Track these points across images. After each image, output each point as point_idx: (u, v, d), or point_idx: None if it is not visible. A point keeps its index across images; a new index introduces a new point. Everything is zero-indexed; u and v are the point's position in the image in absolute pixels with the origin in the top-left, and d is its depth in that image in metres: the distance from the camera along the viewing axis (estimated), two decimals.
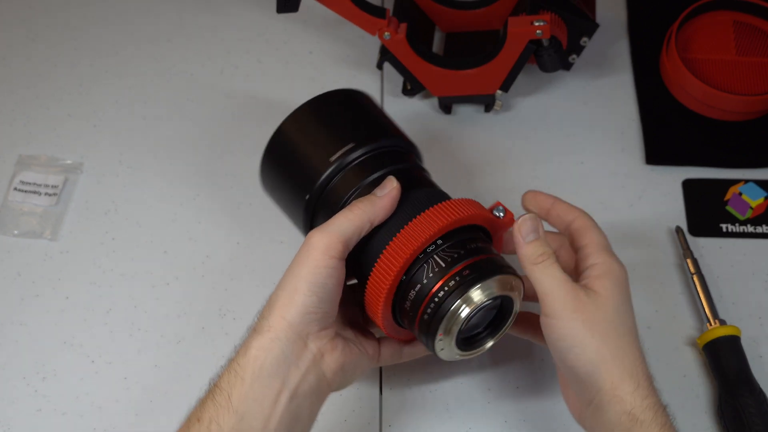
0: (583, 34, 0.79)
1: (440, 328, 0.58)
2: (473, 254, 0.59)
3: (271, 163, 0.68)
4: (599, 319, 0.57)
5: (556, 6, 0.78)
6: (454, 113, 0.85)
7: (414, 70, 0.80)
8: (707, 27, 0.87)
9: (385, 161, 0.64)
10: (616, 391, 0.56)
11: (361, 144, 0.64)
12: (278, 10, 0.72)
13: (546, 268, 0.58)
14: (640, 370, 0.57)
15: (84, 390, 0.71)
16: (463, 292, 0.57)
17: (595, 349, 0.56)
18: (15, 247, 0.79)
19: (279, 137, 0.67)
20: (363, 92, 0.69)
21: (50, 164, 0.83)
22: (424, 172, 0.66)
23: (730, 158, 0.82)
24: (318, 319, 0.58)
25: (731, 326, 0.70)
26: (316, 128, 0.67)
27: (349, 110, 0.68)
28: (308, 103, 0.67)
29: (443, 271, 0.58)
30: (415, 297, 0.58)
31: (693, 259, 0.74)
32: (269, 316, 0.58)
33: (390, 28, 0.77)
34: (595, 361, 0.56)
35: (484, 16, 0.86)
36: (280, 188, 0.68)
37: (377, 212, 0.59)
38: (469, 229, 0.61)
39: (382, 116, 0.69)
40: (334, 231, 0.58)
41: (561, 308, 0.57)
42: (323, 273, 0.57)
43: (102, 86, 0.88)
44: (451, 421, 0.70)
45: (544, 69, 0.79)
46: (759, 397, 0.67)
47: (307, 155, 0.65)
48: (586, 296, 0.57)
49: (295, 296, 0.57)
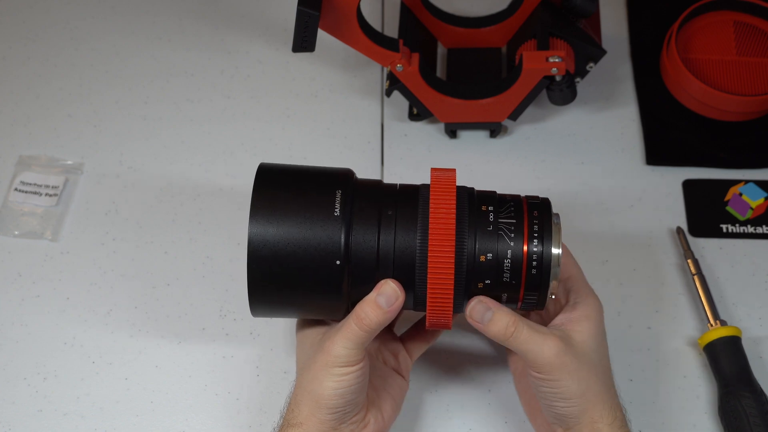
0: (590, 60, 0.79)
1: (551, 273, 0.59)
2: (512, 200, 0.61)
3: (267, 270, 0.59)
4: (581, 366, 0.59)
5: (563, 31, 0.78)
6: (459, 137, 0.85)
7: (423, 99, 0.80)
8: (707, 27, 0.87)
9: (369, 187, 0.62)
10: (595, 425, 0.59)
11: (343, 186, 0.60)
12: (294, 49, 0.71)
13: (519, 336, 0.59)
14: (616, 404, 0.60)
15: (85, 390, 0.71)
16: (550, 235, 0.59)
17: (580, 395, 0.59)
18: (15, 247, 0.79)
19: (258, 247, 0.58)
20: (268, 165, 0.63)
21: (50, 165, 0.83)
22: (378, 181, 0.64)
23: (730, 158, 0.82)
24: (348, 411, 0.60)
25: (732, 327, 0.70)
26: (289, 203, 0.59)
27: (287, 175, 0.62)
28: (256, 195, 0.60)
29: (520, 230, 0.59)
30: (512, 266, 0.59)
31: (694, 260, 0.74)
32: (299, 410, 0.60)
33: (403, 61, 0.77)
34: (579, 403, 0.59)
35: (487, 34, 0.86)
36: (292, 287, 0.60)
37: (389, 319, 0.59)
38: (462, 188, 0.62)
39: (305, 167, 0.64)
40: (352, 338, 0.59)
41: (546, 366, 0.59)
42: (347, 380, 0.59)
43: (102, 86, 0.88)
44: (451, 422, 0.70)
45: (554, 102, 0.79)
46: (760, 398, 0.67)
47: (309, 229, 0.59)
48: (566, 349, 0.59)
49: (321, 401, 0.59)
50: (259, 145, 0.84)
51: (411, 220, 0.59)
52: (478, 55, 0.87)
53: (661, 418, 0.70)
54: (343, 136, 0.85)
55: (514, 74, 0.78)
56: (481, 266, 0.59)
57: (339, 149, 0.84)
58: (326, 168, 0.63)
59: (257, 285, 0.59)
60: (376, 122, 0.86)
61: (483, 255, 0.59)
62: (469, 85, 0.82)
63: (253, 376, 0.72)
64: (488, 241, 0.59)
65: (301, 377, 0.61)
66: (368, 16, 0.79)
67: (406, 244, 0.59)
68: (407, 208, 0.60)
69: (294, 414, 0.60)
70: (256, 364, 0.73)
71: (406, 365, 0.67)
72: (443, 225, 0.58)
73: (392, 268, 0.59)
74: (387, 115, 0.86)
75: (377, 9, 0.93)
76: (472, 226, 0.59)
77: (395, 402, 0.65)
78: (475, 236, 0.59)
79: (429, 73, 0.80)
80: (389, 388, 0.65)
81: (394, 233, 0.59)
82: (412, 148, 0.84)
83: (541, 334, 0.59)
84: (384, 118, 0.86)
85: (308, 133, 0.85)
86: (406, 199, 0.60)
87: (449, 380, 0.72)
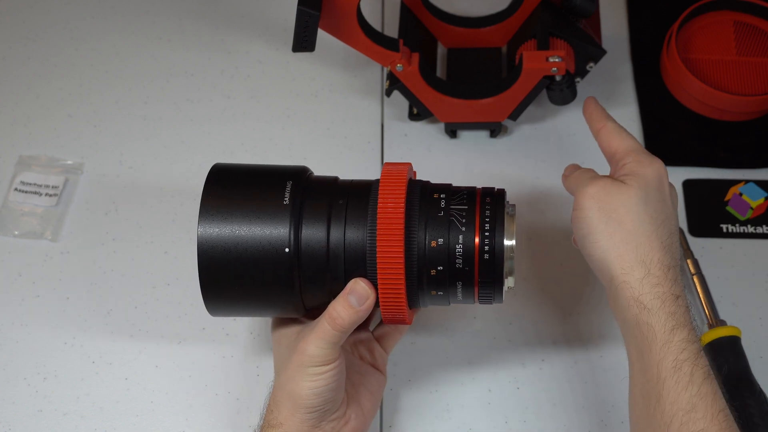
0: (590, 60, 0.79)
1: (505, 266, 0.58)
2: (465, 190, 0.60)
3: (218, 267, 0.59)
4: (616, 206, 0.58)
5: (563, 31, 0.78)
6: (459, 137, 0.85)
7: (424, 99, 0.80)
8: (707, 27, 0.87)
9: (323, 182, 0.62)
10: (625, 277, 0.57)
11: (294, 179, 0.60)
12: (294, 49, 0.71)
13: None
14: (654, 259, 0.57)
15: (85, 390, 0.72)
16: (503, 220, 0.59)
17: (607, 236, 0.57)
18: (15, 247, 0.79)
19: (208, 247, 0.59)
20: (221, 165, 0.64)
21: (50, 165, 0.83)
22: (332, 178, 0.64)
23: (730, 158, 0.82)
24: (328, 409, 0.60)
25: (732, 327, 0.70)
26: (239, 199, 0.60)
27: (239, 173, 0.62)
28: (205, 195, 0.60)
29: (472, 215, 0.58)
30: (464, 252, 0.58)
31: (693, 260, 0.74)
32: (278, 410, 0.60)
33: (403, 60, 0.77)
34: (606, 247, 0.57)
35: (487, 34, 0.86)
36: (244, 281, 0.59)
37: (362, 318, 0.59)
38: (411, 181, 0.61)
39: (259, 165, 0.64)
40: (326, 337, 0.58)
41: (581, 196, 0.58)
42: (323, 378, 0.59)
43: (102, 86, 0.88)
44: (451, 422, 0.70)
45: (554, 102, 0.79)
46: (759, 398, 0.67)
47: (257, 218, 0.59)
48: (609, 184, 0.58)
49: (300, 401, 0.59)
50: (259, 145, 0.84)
51: (362, 213, 0.59)
52: (478, 55, 0.87)
53: None
54: (343, 136, 0.85)
55: (514, 74, 0.78)
56: (432, 252, 0.58)
57: (339, 149, 0.84)
58: (281, 165, 0.63)
59: (210, 282, 0.59)
60: (376, 122, 0.86)
61: (434, 240, 0.58)
62: (469, 85, 0.82)
63: (253, 376, 0.72)
64: (439, 226, 0.58)
65: (278, 378, 0.61)
66: (368, 16, 0.79)
67: (356, 236, 0.58)
68: (359, 201, 0.59)
69: (274, 415, 0.60)
70: (256, 364, 0.73)
71: (382, 359, 0.67)
72: (391, 218, 0.57)
73: (343, 261, 0.59)
74: (387, 115, 0.86)
75: (377, 9, 0.93)
76: (422, 213, 0.59)
77: (374, 397, 0.65)
78: (426, 223, 0.58)
79: (429, 73, 0.80)
80: (367, 384, 0.65)
81: (344, 225, 0.59)
82: (412, 148, 0.84)
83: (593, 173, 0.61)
84: (384, 118, 0.86)
85: (308, 133, 0.85)
86: (358, 194, 0.60)
87: (449, 380, 0.72)
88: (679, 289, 0.57)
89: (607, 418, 0.69)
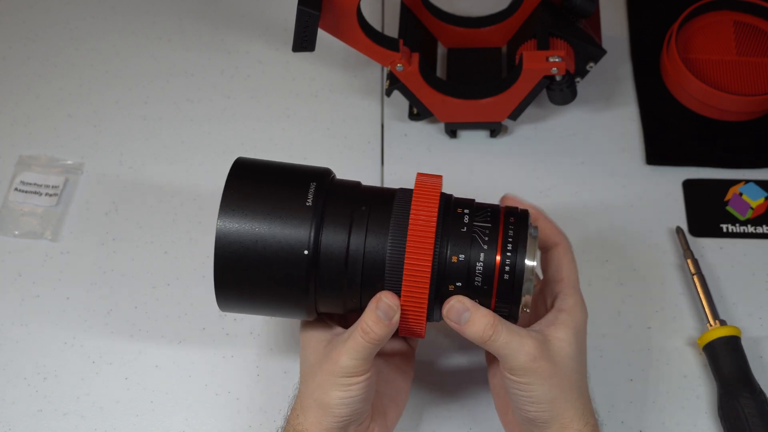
0: (590, 60, 0.79)
1: (523, 288, 0.58)
2: (489, 208, 0.60)
3: (233, 262, 0.59)
4: (555, 373, 0.58)
5: (563, 31, 0.78)
6: (459, 137, 0.85)
7: (424, 99, 0.80)
8: (707, 27, 0.87)
9: (346, 186, 0.61)
10: (565, 430, 0.59)
11: (318, 180, 0.60)
12: (294, 49, 0.71)
13: (497, 339, 0.58)
14: (588, 411, 0.60)
15: (85, 390, 0.72)
16: (525, 242, 0.58)
17: (551, 400, 0.58)
18: (15, 247, 0.79)
19: (226, 240, 0.58)
20: (245, 159, 0.63)
21: (51, 165, 0.83)
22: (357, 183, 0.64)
23: (730, 158, 0.82)
24: (354, 419, 0.60)
25: (731, 327, 0.70)
26: (261, 196, 0.59)
27: (262, 170, 0.62)
28: (228, 188, 0.60)
29: (495, 234, 0.58)
30: (484, 270, 0.58)
31: (693, 260, 0.74)
32: (304, 416, 0.60)
33: (403, 60, 0.77)
34: (549, 408, 0.59)
35: (487, 34, 0.86)
36: (259, 279, 0.59)
37: (392, 331, 0.59)
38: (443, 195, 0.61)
39: (282, 163, 0.64)
40: (359, 349, 0.58)
41: (520, 370, 0.58)
42: (354, 390, 0.59)
43: (102, 86, 0.88)
44: (451, 422, 0.70)
45: (554, 102, 0.79)
46: (759, 398, 0.67)
47: (278, 218, 0.58)
48: (542, 354, 0.58)
49: (328, 410, 0.59)
50: (259, 145, 0.84)
51: (384, 222, 0.59)
52: (478, 55, 0.87)
53: (661, 418, 0.70)
54: (343, 136, 0.85)
55: (514, 74, 0.78)
56: (452, 267, 0.58)
57: (339, 149, 0.84)
58: (304, 165, 0.63)
59: (225, 276, 0.59)
60: (376, 122, 0.86)
61: (455, 256, 0.58)
62: (469, 85, 0.82)
63: (253, 376, 0.72)
64: (461, 242, 0.58)
65: (305, 384, 0.61)
66: (368, 16, 0.80)
67: (377, 245, 0.58)
68: (382, 210, 0.59)
69: (299, 420, 0.60)
70: (256, 364, 0.73)
71: (409, 357, 0.67)
72: (422, 235, 0.57)
73: (361, 268, 0.58)
74: (387, 115, 0.86)
75: (377, 9, 0.93)
76: (446, 227, 0.59)
77: (398, 408, 0.65)
78: (448, 237, 0.58)
79: (429, 72, 0.80)
80: (393, 394, 0.65)
81: (366, 233, 0.58)
82: (412, 148, 0.84)
83: (520, 338, 0.58)
84: (384, 118, 0.86)
85: (308, 133, 0.85)
86: (381, 201, 0.60)
87: (449, 380, 0.72)
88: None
89: (607, 418, 0.69)
